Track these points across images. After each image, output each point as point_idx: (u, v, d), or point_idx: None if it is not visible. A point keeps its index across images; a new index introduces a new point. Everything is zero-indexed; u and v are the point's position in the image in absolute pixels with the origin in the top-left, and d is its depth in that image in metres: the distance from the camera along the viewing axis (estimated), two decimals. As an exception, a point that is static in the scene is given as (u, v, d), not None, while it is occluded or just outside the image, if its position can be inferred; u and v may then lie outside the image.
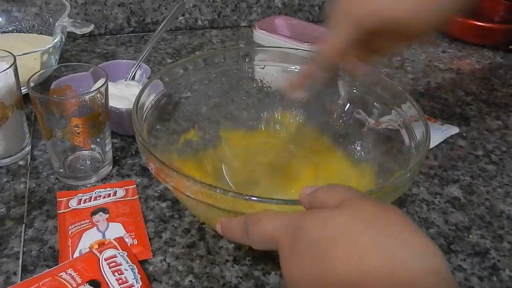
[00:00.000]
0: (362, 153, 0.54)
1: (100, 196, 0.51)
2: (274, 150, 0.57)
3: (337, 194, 0.32)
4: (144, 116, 0.48)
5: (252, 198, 0.37)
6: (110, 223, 0.47)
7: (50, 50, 0.68)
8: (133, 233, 0.47)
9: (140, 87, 0.50)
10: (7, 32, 0.79)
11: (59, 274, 0.40)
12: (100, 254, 0.42)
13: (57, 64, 0.72)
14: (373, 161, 0.52)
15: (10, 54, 0.53)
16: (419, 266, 0.27)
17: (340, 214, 0.30)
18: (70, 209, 0.49)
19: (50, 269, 0.41)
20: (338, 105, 0.57)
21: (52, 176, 0.55)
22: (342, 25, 0.45)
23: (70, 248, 0.45)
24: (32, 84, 0.50)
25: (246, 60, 0.58)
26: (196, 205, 0.42)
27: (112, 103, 0.56)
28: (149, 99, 0.50)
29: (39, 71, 0.52)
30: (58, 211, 0.49)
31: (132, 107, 0.46)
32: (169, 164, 0.39)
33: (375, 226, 0.29)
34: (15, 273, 0.43)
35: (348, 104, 0.56)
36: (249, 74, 0.58)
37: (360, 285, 0.27)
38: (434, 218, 0.53)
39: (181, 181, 0.39)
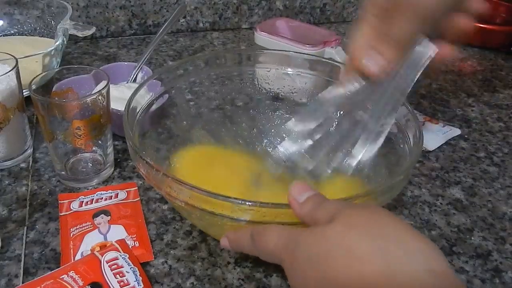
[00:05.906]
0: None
1: (102, 198, 0.51)
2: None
3: (326, 210, 0.33)
4: (137, 118, 0.48)
5: (249, 203, 0.36)
6: (112, 225, 0.47)
7: (52, 53, 0.68)
8: (135, 235, 0.47)
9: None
10: (9, 35, 0.79)
11: (61, 277, 0.40)
12: (102, 256, 0.42)
13: (59, 66, 0.72)
14: (369, 163, 0.52)
15: (12, 57, 0.53)
16: (414, 266, 0.28)
17: (333, 227, 0.31)
18: (71, 211, 0.49)
19: (52, 271, 0.41)
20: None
21: (54, 179, 0.55)
22: (363, 11, 0.43)
23: (71, 250, 0.45)
24: (34, 87, 0.50)
25: (248, 62, 0.58)
26: (190, 212, 0.42)
27: (114, 105, 0.56)
28: (143, 100, 0.50)
29: (41, 73, 0.53)
30: (60, 214, 0.49)
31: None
32: (162, 170, 0.38)
33: (370, 233, 0.30)
34: (16, 276, 0.43)
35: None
36: (250, 76, 0.58)
37: None
38: (436, 220, 0.52)
39: (172, 185, 0.38)
